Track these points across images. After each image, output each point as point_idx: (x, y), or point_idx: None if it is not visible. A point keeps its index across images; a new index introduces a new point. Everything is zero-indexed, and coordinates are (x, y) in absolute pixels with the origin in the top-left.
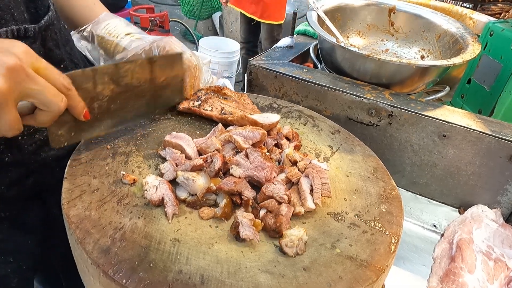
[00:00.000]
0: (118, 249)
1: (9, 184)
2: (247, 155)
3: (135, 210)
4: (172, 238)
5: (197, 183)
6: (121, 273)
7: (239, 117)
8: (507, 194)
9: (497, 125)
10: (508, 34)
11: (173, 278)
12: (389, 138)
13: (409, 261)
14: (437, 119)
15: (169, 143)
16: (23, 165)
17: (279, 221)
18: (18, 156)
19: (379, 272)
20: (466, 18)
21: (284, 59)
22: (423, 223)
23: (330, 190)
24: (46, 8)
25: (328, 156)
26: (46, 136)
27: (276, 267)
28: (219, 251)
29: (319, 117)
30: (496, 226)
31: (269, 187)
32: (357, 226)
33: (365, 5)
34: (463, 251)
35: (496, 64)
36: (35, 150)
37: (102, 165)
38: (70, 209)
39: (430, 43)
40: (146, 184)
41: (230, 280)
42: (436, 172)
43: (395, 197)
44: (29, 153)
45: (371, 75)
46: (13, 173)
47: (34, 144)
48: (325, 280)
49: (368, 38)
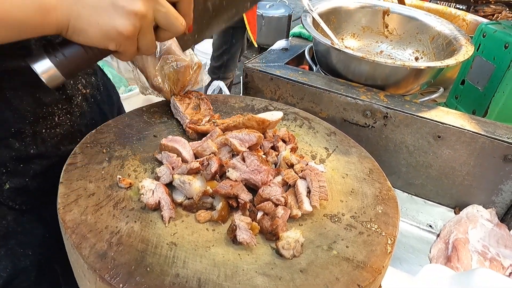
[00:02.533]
0: (115, 254)
1: (33, 176)
2: (243, 159)
3: (131, 214)
4: (168, 242)
5: (194, 187)
6: (117, 278)
7: (246, 119)
8: (502, 194)
9: (491, 126)
10: (500, 36)
11: (170, 282)
12: (385, 140)
13: (406, 262)
14: (432, 120)
15: (165, 147)
16: (46, 157)
17: (275, 224)
18: (42, 149)
19: (376, 273)
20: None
21: (279, 62)
22: (419, 224)
23: (327, 193)
24: None
25: (324, 158)
26: (66, 130)
27: (273, 270)
28: (216, 254)
29: (315, 119)
30: (491, 226)
31: (266, 190)
32: (354, 227)
33: (359, 7)
34: (459, 251)
35: (489, 65)
36: (56, 143)
37: (98, 169)
38: (66, 214)
39: (424, 44)
40: (142, 188)
41: (228, 283)
42: (431, 173)
43: (391, 198)
44: (52, 146)
45: (366, 77)
46: (37, 166)
47: (56, 137)
48: (322, 282)
49: (363, 40)
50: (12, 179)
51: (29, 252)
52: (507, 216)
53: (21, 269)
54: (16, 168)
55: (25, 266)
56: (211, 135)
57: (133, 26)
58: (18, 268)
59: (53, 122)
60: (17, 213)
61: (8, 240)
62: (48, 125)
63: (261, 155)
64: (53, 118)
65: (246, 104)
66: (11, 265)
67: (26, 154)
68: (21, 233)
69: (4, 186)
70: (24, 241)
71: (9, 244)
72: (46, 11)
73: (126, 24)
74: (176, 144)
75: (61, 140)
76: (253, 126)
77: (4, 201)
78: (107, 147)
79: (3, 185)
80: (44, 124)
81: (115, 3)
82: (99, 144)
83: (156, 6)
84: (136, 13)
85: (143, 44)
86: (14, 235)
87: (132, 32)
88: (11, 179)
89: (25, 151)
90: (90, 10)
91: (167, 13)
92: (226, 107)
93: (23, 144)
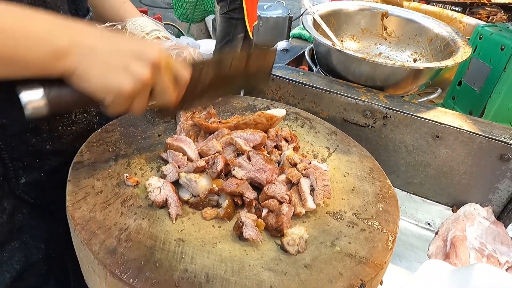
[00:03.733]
0: (124, 250)
1: (49, 171)
2: (249, 158)
3: (139, 211)
4: (176, 238)
5: (200, 185)
6: (128, 273)
7: (257, 115)
8: (498, 192)
9: (487, 126)
10: (496, 38)
11: (179, 277)
12: (384, 139)
13: (405, 259)
14: (430, 120)
15: (170, 146)
16: (61, 154)
17: (280, 221)
18: (58, 145)
19: (378, 268)
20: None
21: (280, 62)
22: (418, 222)
23: (330, 191)
24: (85, 10)
25: (325, 157)
26: (82, 128)
27: (279, 265)
28: (223, 250)
29: (316, 119)
30: (488, 223)
31: (271, 188)
32: (355, 224)
33: (359, 10)
34: (457, 248)
35: (486, 66)
36: (72, 140)
37: (105, 168)
38: (75, 211)
39: (422, 46)
40: (149, 186)
41: (235, 278)
42: (429, 172)
43: (391, 196)
44: (67, 143)
45: (366, 78)
46: (53, 161)
47: (71, 134)
48: (326, 276)
49: (362, 42)
50: (28, 174)
51: (41, 245)
52: (504, 214)
53: (33, 262)
54: (32, 163)
55: (37, 259)
56: (217, 135)
57: (135, 89)
58: (30, 261)
59: (69, 120)
60: (31, 206)
61: (23, 233)
62: (65, 123)
63: (266, 155)
64: (70, 116)
65: (248, 104)
66: (24, 258)
67: (42, 149)
68: (34, 227)
69: (20, 180)
70: (36, 234)
71: (23, 237)
72: (58, 56)
73: (130, 86)
74: (181, 143)
75: (76, 137)
76: (263, 122)
77: (20, 195)
78: (113, 146)
79: (20, 178)
80: (60, 121)
81: (127, 66)
82: (105, 143)
83: (159, 77)
84: (141, 80)
85: (136, 106)
86: (28, 228)
87: (132, 93)
88: (27, 173)
89: (41, 147)
90: (102, 65)
91: (165, 88)
92: (229, 107)
93: (39, 139)
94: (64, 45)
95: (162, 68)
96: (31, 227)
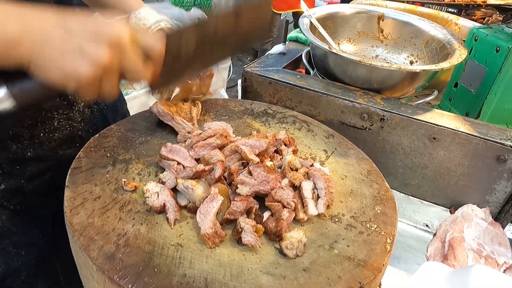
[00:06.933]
0: (123, 255)
1: (29, 178)
2: (250, 172)
3: (137, 216)
4: (175, 243)
5: (196, 192)
6: (126, 279)
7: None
8: (495, 193)
9: (484, 127)
10: (492, 39)
11: (178, 282)
12: (381, 142)
13: (404, 261)
14: (427, 122)
15: (165, 158)
16: (43, 160)
17: (280, 225)
18: (39, 151)
19: (376, 271)
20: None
21: (277, 66)
22: (416, 223)
23: (333, 199)
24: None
25: (323, 160)
26: (65, 134)
27: (277, 269)
28: (222, 255)
29: (313, 122)
30: (485, 224)
31: (278, 192)
32: (354, 227)
33: (355, 12)
34: (455, 249)
35: (482, 68)
36: (54, 147)
37: (102, 173)
38: (73, 217)
39: (419, 49)
40: (147, 191)
41: (233, 283)
42: (427, 174)
43: (389, 198)
44: (49, 149)
45: (362, 81)
46: (33, 168)
47: (53, 141)
48: (324, 280)
49: (359, 44)
50: (7, 180)
51: (22, 252)
52: (501, 215)
53: (13, 269)
54: (12, 170)
55: (17, 266)
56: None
57: (94, 73)
58: (10, 268)
59: (52, 126)
60: (11, 213)
61: (2, 239)
62: (47, 129)
63: (266, 164)
64: (52, 123)
65: (245, 108)
66: (4, 265)
67: (22, 156)
68: (15, 233)
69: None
70: (17, 241)
71: (3, 243)
72: (9, 43)
73: (88, 70)
74: (175, 156)
75: (59, 144)
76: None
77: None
78: (110, 151)
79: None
80: (42, 128)
81: (82, 49)
82: (103, 148)
83: (123, 58)
84: (100, 63)
85: (106, 89)
86: (8, 235)
87: (93, 78)
88: (6, 180)
89: (22, 154)
90: (56, 51)
91: (133, 67)
92: (226, 110)
93: (20, 146)
94: (15, 32)
95: (124, 45)
96: (12, 233)
